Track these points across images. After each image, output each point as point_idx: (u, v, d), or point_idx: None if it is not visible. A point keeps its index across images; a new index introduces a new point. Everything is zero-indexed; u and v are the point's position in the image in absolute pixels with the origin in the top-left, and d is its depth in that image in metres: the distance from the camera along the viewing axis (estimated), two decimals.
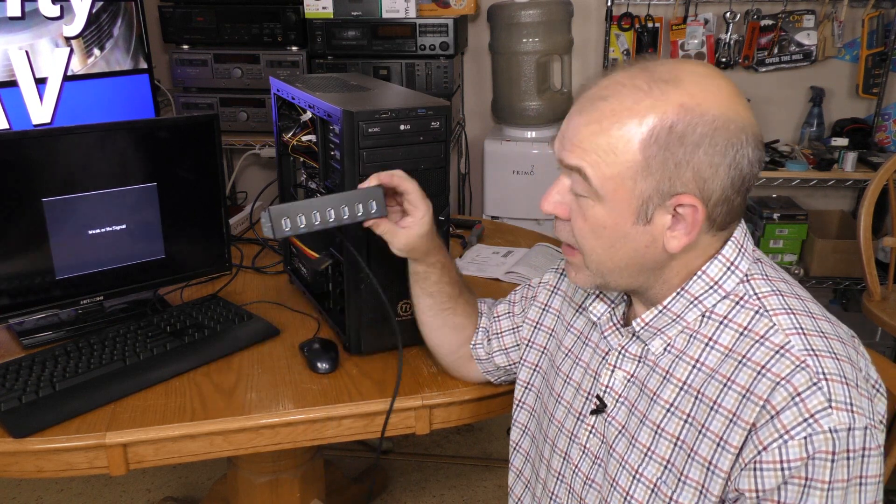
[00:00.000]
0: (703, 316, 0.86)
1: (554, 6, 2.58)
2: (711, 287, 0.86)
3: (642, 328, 0.90)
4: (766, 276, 0.87)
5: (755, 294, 0.85)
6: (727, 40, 2.68)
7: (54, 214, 1.34)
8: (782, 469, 0.76)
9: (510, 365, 1.18)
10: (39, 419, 1.13)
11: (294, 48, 2.52)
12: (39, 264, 1.35)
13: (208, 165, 1.51)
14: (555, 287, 1.12)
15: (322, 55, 2.53)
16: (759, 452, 0.77)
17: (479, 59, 2.88)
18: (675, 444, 0.85)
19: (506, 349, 1.17)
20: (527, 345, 1.13)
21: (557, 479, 1.02)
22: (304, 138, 1.43)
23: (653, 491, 0.87)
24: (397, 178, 1.06)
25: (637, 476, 0.89)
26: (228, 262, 1.59)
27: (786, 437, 0.76)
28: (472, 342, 1.20)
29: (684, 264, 0.86)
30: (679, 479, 0.85)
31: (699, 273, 0.86)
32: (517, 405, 1.13)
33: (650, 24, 2.71)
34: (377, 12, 2.48)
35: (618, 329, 0.96)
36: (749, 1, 2.65)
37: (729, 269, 0.86)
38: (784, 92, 2.76)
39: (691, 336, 0.87)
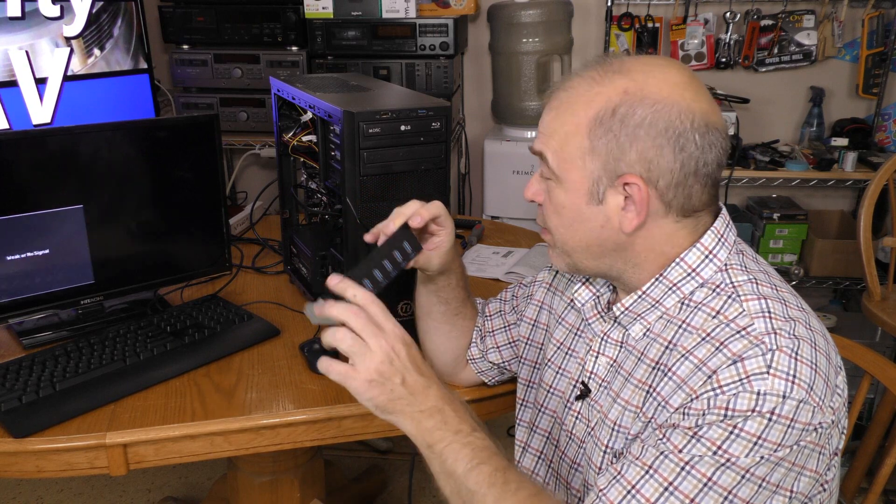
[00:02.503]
0: (682, 303, 0.88)
1: (554, 6, 2.58)
2: (689, 274, 0.88)
3: (622, 313, 0.92)
4: (746, 267, 0.89)
5: (731, 283, 0.87)
6: (727, 40, 2.68)
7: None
8: (703, 414, 0.78)
9: (504, 363, 1.18)
10: (39, 419, 1.13)
11: (294, 48, 2.52)
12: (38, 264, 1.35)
13: (208, 165, 1.51)
14: (550, 284, 1.13)
15: (322, 55, 2.53)
16: (691, 400, 0.79)
17: (479, 59, 2.88)
18: (636, 415, 0.88)
19: (498, 347, 1.18)
20: (526, 343, 1.13)
21: (549, 466, 1.03)
22: (305, 138, 1.43)
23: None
24: (425, 211, 1.02)
25: (607, 451, 0.90)
26: (228, 262, 1.59)
27: (717, 391, 0.78)
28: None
29: (649, 248, 0.89)
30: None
31: (677, 260, 0.88)
32: (521, 404, 1.13)
33: (650, 24, 2.70)
34: (377, 12, 2.48)
35: (601, 316, 0.98)
36: (749, 1, 2.65)
37: (707, 257, 0.88)
38: (784, 92, 2.75)
39: (669, 321, 0.88)
